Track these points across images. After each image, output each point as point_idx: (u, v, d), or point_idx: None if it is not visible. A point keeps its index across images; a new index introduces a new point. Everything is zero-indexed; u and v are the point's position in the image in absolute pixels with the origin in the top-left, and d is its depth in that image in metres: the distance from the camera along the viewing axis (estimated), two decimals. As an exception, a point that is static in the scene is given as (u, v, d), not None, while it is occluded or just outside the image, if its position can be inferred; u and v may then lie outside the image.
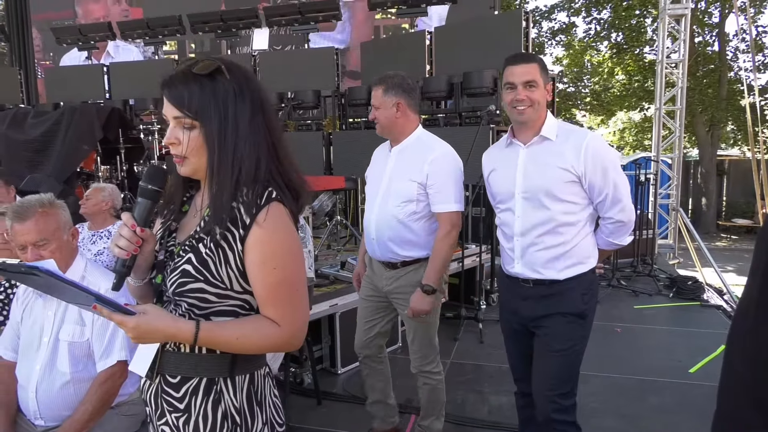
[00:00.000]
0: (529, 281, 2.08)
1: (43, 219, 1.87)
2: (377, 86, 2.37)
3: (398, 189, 2.34)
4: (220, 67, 1.12)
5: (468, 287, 4.66)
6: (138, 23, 7.91)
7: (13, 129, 5.75)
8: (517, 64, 2.01)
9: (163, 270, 1.20)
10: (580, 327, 2.05)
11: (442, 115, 5.64)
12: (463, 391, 3.43)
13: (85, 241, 3.63)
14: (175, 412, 1.18)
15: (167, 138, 1.14)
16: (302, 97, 6.30)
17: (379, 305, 2.55)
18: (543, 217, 2.02)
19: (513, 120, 2.08)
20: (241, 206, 1.12)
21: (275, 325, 1.14)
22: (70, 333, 1.89)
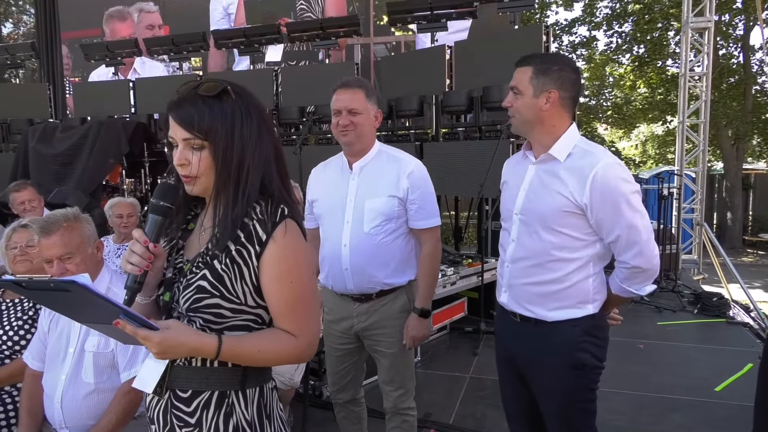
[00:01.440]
0: (516, 315, 1.84)
1: (68, 233, 1.89)
2: (357, 89, 2.09)
3: (374, 207, 2.09)
4: (227, 88, 1.15)
5: (488, 301, 4.63)
6: (163, 39, 8.10)
7: (42, 143, 5.92)
8: (516, 68, 1.79)
9: (172, 287, 1.21)
10: (579, 379, 1.77)
11: (461, 128, 5.64)
12: (483, 406, 3.40)
13: (110, 254, 3.71)
14: (186, 427, 1.18)
15: (177, 159, 1.15)
16: (322, 111, 6.36)
17: (351, 351, 2.28)
18: (535, 248, 1.76)
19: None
20: (256, 223, 1.14)
21: (292, 337, 1.17)
22: (95, 344, 1.91)
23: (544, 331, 1.78)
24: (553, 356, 1.77)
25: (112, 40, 8.99)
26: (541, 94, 1.72)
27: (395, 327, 2.19)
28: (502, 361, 2.00)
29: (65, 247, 1.89)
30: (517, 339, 1.86)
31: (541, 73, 1.72)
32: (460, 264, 4.68)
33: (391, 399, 2.26)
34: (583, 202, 1.66)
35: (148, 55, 8.50)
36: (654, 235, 1.75)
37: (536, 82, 1.72)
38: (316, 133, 6.75)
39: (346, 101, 2.09)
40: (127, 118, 7.30)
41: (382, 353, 2.21)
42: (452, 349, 4.42)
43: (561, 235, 1.71)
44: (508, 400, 2.04)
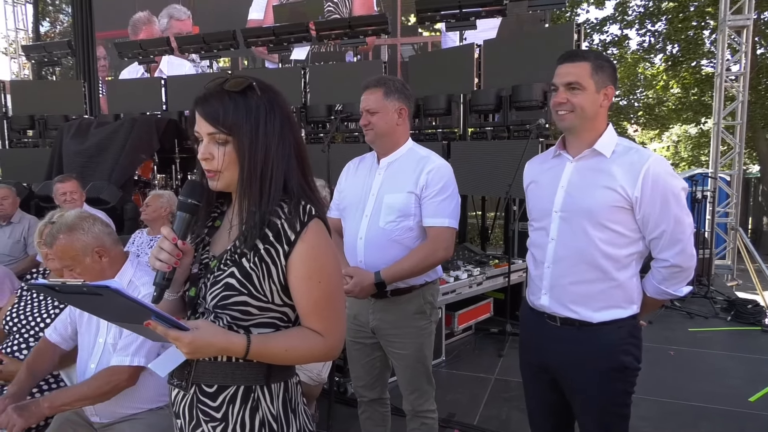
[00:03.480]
0: (556, 319, 1.79)
1: (62, 245, 1.90)
2: (374, 88, 2.12)
3: (392, 203, 2.09)
4: (252, 84, 1.16)
5: (514, 303, 4.58)
6: (194, 38, 8.22)
7: (76, 139, 6.06)
8: (562, 63, 1.76)
9: (198, 283, 1.22)
10: (619, 382, 1.75)
11: (489, 128, 5.60)
12: (508, 408, 3.37)
13: (144, 246, 3.79)
14: (212, 422, 1.19)
15: (202, 153, 1.16)
16: (350, 110, 6.38)
17: (373, 346, 2.25)
18: (580, 245, 1.72)
19: (559, 127, 1.86)
20: (284, 223, 1.15)
21: (319, 336, 1.18)
22: (113, 336, 1.94)
23: (588, 334, 1.74)
24: (597, 359, 1.73)
25: (145, 39, 9.16)
26: (600, 90, 1.72)
27: (410, 328, 2.16)
28: (532, 367, 1.94)
29: (62, 259, 1.91)
30: (554, 344, 1.81)
31: (600, 69, 1.71)
32: (486, 264, 4.64)
33: (408, 401, 2.24)
34: (634, 196, 1.66)
35: (178, 54, 8.66)
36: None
37: (596, 77, 1.71)
38: (344, 131, 6.77)
39: (365, 101, 2.14)
40: (158, 114, 7.44)
41: (397, 355, 2.19)
42: (477, 350, 4.39)
43: (609, 231, 1.70)
44: (535, 408, 1.99)
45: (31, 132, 8.11)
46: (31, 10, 13.36)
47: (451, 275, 4.15)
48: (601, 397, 1.75)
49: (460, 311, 4.28)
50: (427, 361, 2.22)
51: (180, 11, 11.45)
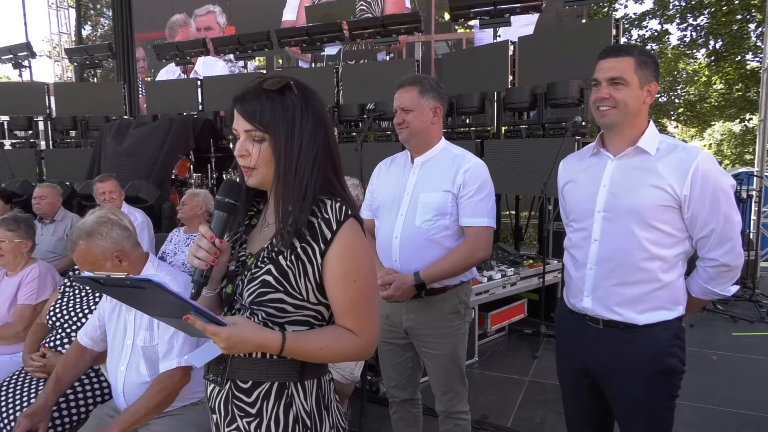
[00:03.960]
0: (599, 321, 1.74)
1: (82, 251, 1.92)
2: (409, 87, 2.10)
3: (428, 201, 2.07)
4: (289, 83, 1.18)
5: (549, 304, 4.50)
6: (230, 39, 8.35)
7: (116, 139, 6.23)
8: (605, 58, 1.70)
9: (235, 280, 1.24)
10: (665, 385, 1.70)
11: (524, 126, 5.51)
12: (542, 411, 3.31)
13: (180, 244, 3.86)
14: (247, 417, 1.21)
15: (238, 150, 1.19)
16: (383, 108, 6.38)
17: (405, 346, 2.24)
18: (627, 246, 1.67)
19: (600, 124, 1.80)
20: (321, 222, 1.16)
21: (353, 335, 1.18)
22: (142, 338, 1.97)
23: (633, 336, 1.69)
24: (642, 362, 1.69)
25: (182, 41, 9.35)
26: (644, 86, 1.68)
27: (444, 329, 2.14)
28: (571, 372, 1.89)
29: (83, 265, 1.95)
30: (596, 347, 1.76)
31: (644, 64, 1.67)
32: (520, 264, 4.57)
33: (441, 402, 2.22)
34: (682, 194, 1.62)
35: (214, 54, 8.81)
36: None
37: (640, 73, 1.66)
38: (376, 130, 6.77)
39: (399, 99, 2.12)
40: (194, 115, 7.59)
41: (430, 355, 2.17)
42: (511, 351, 4.33)
43: (656, 231, 1.65)
44: (573, 412, 1.95)
45: (74, 132, 8.37)
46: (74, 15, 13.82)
47: (485, 275, 4.11)
48: (647, 401, 1.71)
49: (493, 312, 4.23)
50: (461, 361, 2.19)
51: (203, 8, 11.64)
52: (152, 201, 5.15)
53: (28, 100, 8.47)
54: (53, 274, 2.85)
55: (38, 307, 2.62)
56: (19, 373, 2.36)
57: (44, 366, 2.30)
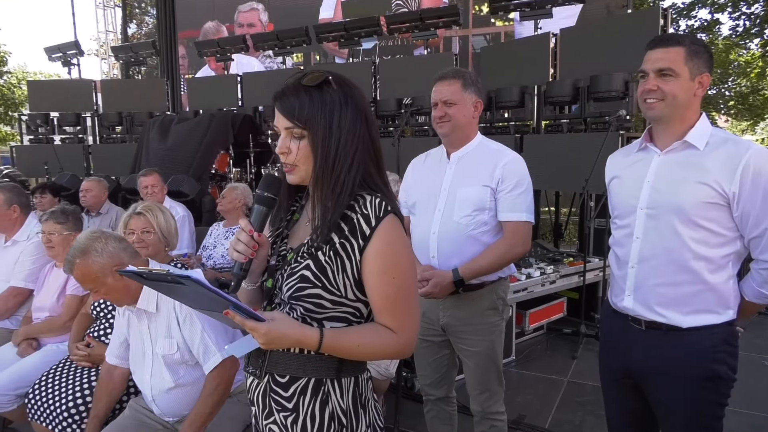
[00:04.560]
0: (641, 322, 1.69)
1: (80, 270, 1.90)
2: (452, 80, 2.06)
3: (466, 197, 2.04)
4: (328, 79, 1.16)
5: (589, 303, 4.39)
6: (269, 35, 8.44)
7: (159, 134, 6.38)
8: (654, 49, 1.62)
9: (275, 274, 1.24)
10: (711, 392, 1.62)
11: (565, 120, 5.38)
12: (582, 413, 3.23)
13: (220, 237, 3.93)
14: (284, 411, 1.21)
15: (279, 147, 1.18)
16: (420, 103, 6.33)
17: (441, 344, 2.22)
18: (671, 244, 1.60)
19: (647, 117, 1.73)
20: (360, 217, 1.15)
21: (392, 333, 1.17)
22: (161, 346, 1.97)
23: (677, 339, 1.62)
24: (686, 367, 1.62)
25: (222, 37, 9.51)
26: (695, 78, 1.60)
27: (481, 325, 2.11)
28: (613, 373, 1.84)
29: (84, 284, 1.94)
30: (638, 348, 1.70)
31: (695, 55, 1.58)
32: (560, 262, 4.47)
33: (477, 402, 2.19)
34: (731, 191, 1.53)
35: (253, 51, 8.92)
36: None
37: (691, 64, 1.58)
38: (413, 125, 6.73)
39: (441, 93, 2.08)
40: (234, 110, 7.71)
41: (467, 352, 2.14)
42: (549, 350, 4.24)
43: (701, 230, 1.57)
44: (615, 415, 1.90)
45: (119, 128, 8.63)
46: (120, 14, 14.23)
47: (523, 273, 4.03)
48: (689, 408, 1.64)
49: (531, 310, 4.15)
50: (498, 359, 2.16)
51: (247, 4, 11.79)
52: (193, 195, 5.26)
53: (77, 97, 8.78)
54: (98, 266, 2.92)
55: (84, 298, 2.70)
56: (65, 361, 2.44)
57: (88, 355, 2.37)
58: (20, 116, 9.82)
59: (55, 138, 8.79)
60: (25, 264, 2.94)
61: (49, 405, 2.20)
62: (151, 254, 2.41)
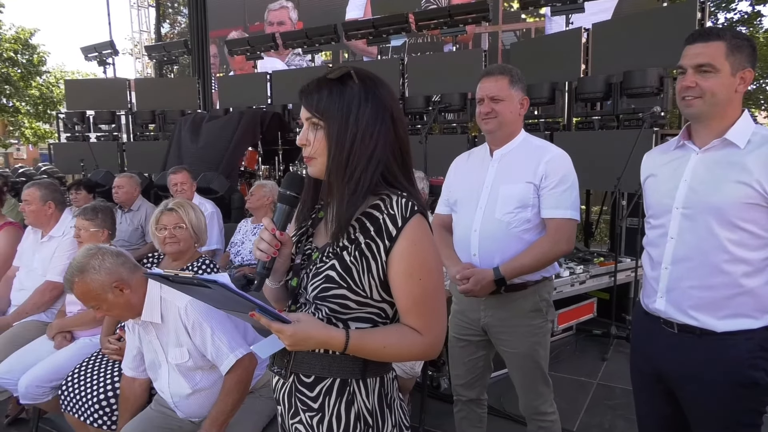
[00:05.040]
0: (673, 325, 1.64)
1: (80, 289, 1.87)
2: (500, 76, 2.03)
3: (509, 193, 2.01)
4: (350, 72, 1.16)
5: (620, 304, 4.30)
6: (298, 33, 8.49)
7: (191, 131, 6.48)
8: (693, 43, 1.56)
9: (300, 273, 1.24)
10: (747, 399, 1.56)
11: (597, 117, 5.27)
12: (612, 416, 3.16)
13: (248, 233, 3.97)
14: (309, 411, 1.21)
15: (300, 139, 1.19)
16: (448, 100, 6.29)
17: (478, 344, 2.19)
18: (707, 246, 1.55)
19: (685, 115, 1.67)
20: (386, 217, 1.14)
21: (418, 335, 1.15)
22: (174, 356, 1.97)
23: (711, 344, 1.57)
24: (720, 372, 1.56)
25: (253, 36, 9.60)
26: (736, 73, 1.53)
27: (523, 327, 2.07)
28: (644, 376, 1.79)
29: (86, 302, 1.92)
30: (670, 352, 1.66)
31: (737, 50, 1.52)
32: (590, 262, 4.38)
33: (524, 402, 2.16)
34: None
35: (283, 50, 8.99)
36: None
37: (732, 59, 1.52)
38: (442, 122, 6.69)
39: (488, 89, 2.04)
40: (263, 108, 7.78)
41: (508, 354, 2.11)
42: (578, 352, 4.16)
43: (739, 231, 1.51)
44: (646, 419, 1.84)
45: (152, 126, 8.81)
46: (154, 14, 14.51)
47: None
48: (724, 415, 1.58)
49: (560, 310, 4.08)
50: (542, 361, 2.11)
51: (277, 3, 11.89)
52: (222, 192, 5.32)
53: (111, 95, 8.98)
54: (130, 262, 2.98)
55: (115, 293, 2.75)
56: (97, 354, 2.50)
57: (120, 348, 2.42)
58: (58, 114, 10.11)
59: (91, 136, 9.01)
60: (60, 259, 3.02)
61: (81, 396, 2.25)
62: (183, 249, 2.44)
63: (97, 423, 2.19)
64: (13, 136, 21.76)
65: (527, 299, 2.06)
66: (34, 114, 19.24)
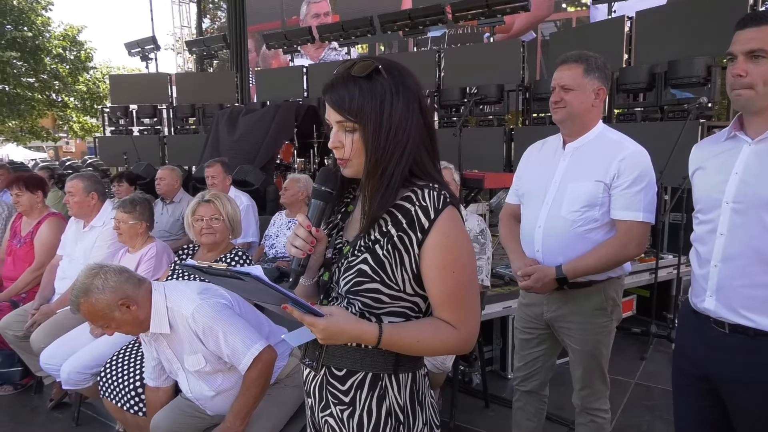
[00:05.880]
0: (724, 325, 1.55)
1: (86, 309, 1.87)
2: (575, 64, 1.93)
3: (577, 191, 1.93)
4: (378, 67, 1.11)
5: (661, 302, 4.16)
6: (334, 26, 8.51)
7: (228, 125, 6.59)
8: (744, 28, 1.45)
9: (331, 267, 1.22)
10: None
11: (639, 109, 5.10)
12: (650, 417, 3.06)
13: (282, 227, 4.00)
14: (340, 405, 1.20)
15: (332, 142, 1.14)
16: (485, 92, 6.19)
17: (540, 338, 2.16)
18: (759, 242, 1.47)
19: (735, 105, 1.57)
20: (418, 210, 1.11)
21: (452, 329, 1.13)
22: (190, 363, 1.98)
23: (765, 345, 1.48)
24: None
25: (290, 29, 9.68)
26: None
27: (587, 324, 2.02)
28: (688, 376, 1.71)
29: (95, 321, 1.92)
30: (720, 352, 1.56)
31: None
32: (630, 258, 4.25)
33: (578, 396, 2.13)
34: None
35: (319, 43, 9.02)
36: None
37: None
38: (477, 115, 6.60)
39: (560, 77, 1.96)
40: (299, 101, 7.84)
41: (571, 348, 2.08)
42: (616, 350, 4.04)
43: None
44: (687, 421, 1.76)
45: (192, 119, 9.00)
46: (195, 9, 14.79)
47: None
48: None
49: (598, 307, 3.98)
50: (603, 359, 2.07)
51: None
52: (258, 185, 5.39)
53: (153, 90, 9.22)
54: (169, 254, 3.05)
55: (152, 283, 2.82)
56: (134, 342, 2.56)
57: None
58: (103, 109, 10.44)
59: (134, 129, 9.28)
60: (100, 249, 3.11)
61: (118, 383, 2.31)
62: (218, 241, 2.46)
63: (132, 410, 2.24)
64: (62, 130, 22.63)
65: (591, 297, 2.00)
66: (82, 108, 19.95)
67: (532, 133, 5.89)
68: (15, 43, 16.32)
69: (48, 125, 21.74)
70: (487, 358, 3.50)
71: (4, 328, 3.10)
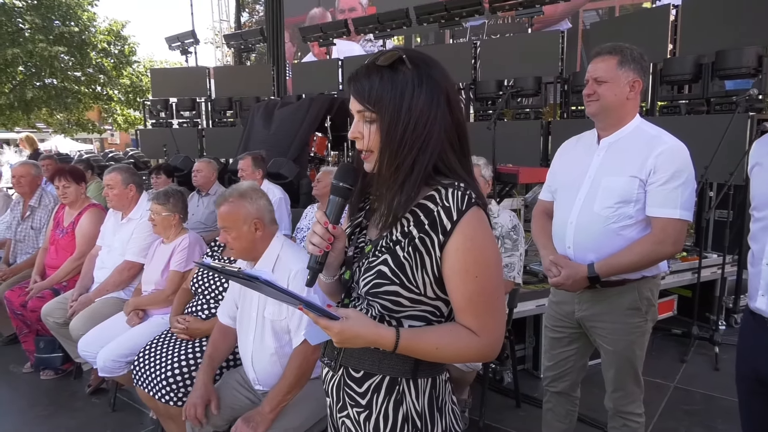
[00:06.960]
0: None
1: (227, 208, 2.05)
2: (609, 55, 1.89)
3: (611, 186, 1.88)
4: (402, 57, 1.07)
5: (703, 302, 4.00)
6: (370, 18, 8.48)
7: (264, 118, 6.64)
8: None
9: (352, 266, 1.19)
10: None
11: (684, 101, 4.90)
12: (689, 422, 2.95)
13: (314, 220, 4.01)
14: (357, 407, 1.18)
15: (351, 132, 1.12)
16: (522, 84, 6.06)
17: (571, 337, 2.12)
18: None
19: None
20: (441, 210, 1.07)
21: (474, 335, 1.09)
22: (271, 312, 2.01)
23: None
24: None
25: (325, 23, 9.69)
26: None
27: (619, 324, 1.96)
28: (748, 381, 1.65)
29: (224, 220, 2.06)
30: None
31: None
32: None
33: (611, 399, 2.07)
34: None
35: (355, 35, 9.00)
36: None
37: None
38: (514, 108, 6.47)
39: (594, 69, 1.92)
40: (335, 94, 7.85)
41: (603, 349, 2.03)
42: (654, 351, 3.92)
43: None
44: (748, 426, 1.70)
45: (230, 112, 9.12)
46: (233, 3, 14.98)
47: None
48: None
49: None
50: (636, 361, 2.01)
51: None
52: (291, 177, 5.42)
53: (192, 83, 9.39)
54: (201, 245, 3.09)
55: (185, 274, 2.86)
56: (167, 332, 2.61)
57: (187, 329, 2.51)
58: (144, 102, 10.68)
59: (174, 122, 9.47)
60: (137, 240, 3.18)
61: (150, 372, 2.36)
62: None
63: (164, 399, 2.28)
64: (107, 122, 23.35)
65: (624, 296, 1.94)
66: (125, 101, 20.54)
67: (570, 127, 5.72)
68: (62, 38, 16.89)
69: (94, 118, 22.47)
70: (519, 357, 3.44)
71: (45, 315, 3.21)
